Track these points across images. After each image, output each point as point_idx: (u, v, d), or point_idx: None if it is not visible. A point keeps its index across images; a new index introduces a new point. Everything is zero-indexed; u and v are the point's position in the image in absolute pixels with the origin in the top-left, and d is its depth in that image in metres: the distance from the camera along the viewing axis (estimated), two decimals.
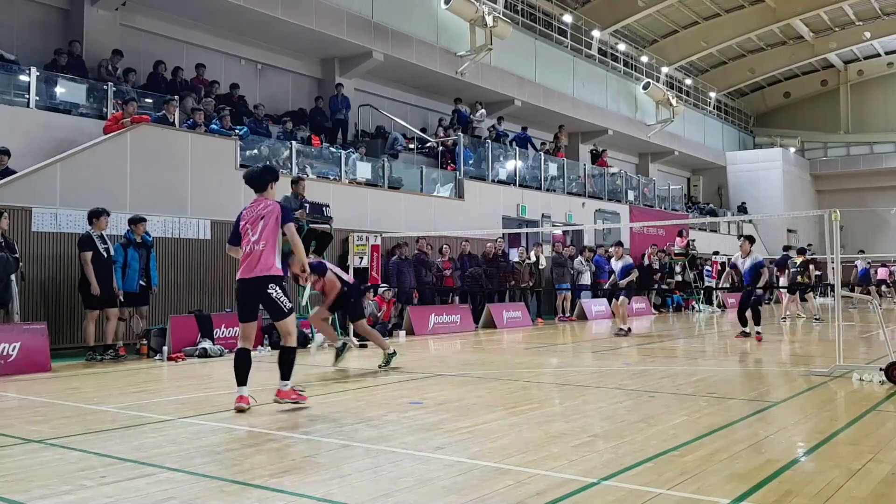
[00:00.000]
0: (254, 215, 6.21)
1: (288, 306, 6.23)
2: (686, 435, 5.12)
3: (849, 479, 4.01)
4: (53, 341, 9.74)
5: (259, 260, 6.10)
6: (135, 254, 10.65)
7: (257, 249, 6.11)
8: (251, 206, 6.33)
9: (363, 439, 5.08)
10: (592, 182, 24.41)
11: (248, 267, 6.14)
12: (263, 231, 6.12)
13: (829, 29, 35.29)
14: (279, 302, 6.17)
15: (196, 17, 16.29)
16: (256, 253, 6.11)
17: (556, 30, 26.44)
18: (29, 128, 11.67)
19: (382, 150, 18.17)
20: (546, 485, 3.93)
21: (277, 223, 6.16)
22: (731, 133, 39.11)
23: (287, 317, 6.24)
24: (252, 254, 6.13)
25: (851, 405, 6.49)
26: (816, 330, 15.41)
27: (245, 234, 6.21)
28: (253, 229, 6.15)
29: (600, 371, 9.18)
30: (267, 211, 6.18)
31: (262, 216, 6.16)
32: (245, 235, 6.21)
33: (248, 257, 6.15)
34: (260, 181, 6.34)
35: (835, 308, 8.71)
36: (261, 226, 6.13)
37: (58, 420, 5.90)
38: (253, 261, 6.12)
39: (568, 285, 19.24)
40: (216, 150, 13.29)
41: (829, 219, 8.52)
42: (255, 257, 6.11)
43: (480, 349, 12.25)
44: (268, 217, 6.15)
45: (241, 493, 3.86)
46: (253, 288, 6.16)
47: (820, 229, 33.29)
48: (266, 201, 6.29)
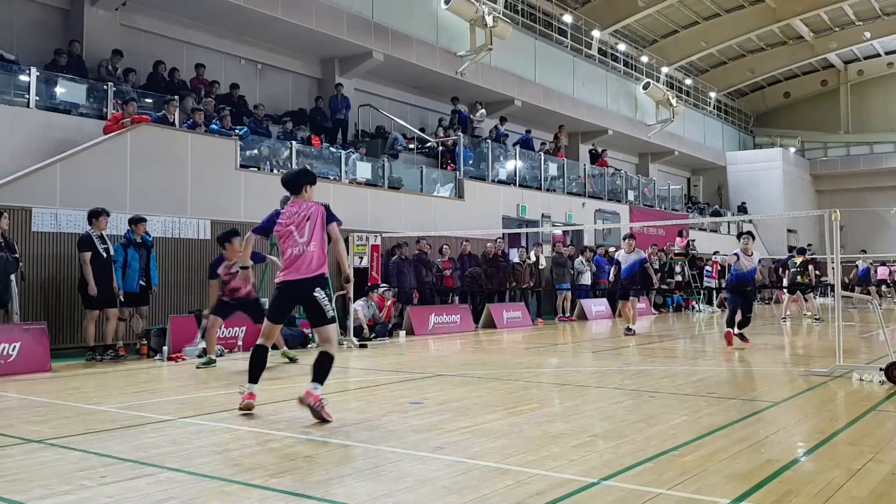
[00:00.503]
0: (299, 217, 6.09)
1: (331, 313, 6.07)
2: (686, 435, 5.12)
3: (849, 479, 4.01)
4: (53, 341, 9.74)
5: (311, 260, 6.00)
6: (135, 254, 10.65)
7: (308, 251, 6.00)
8: (290, 207, 6.20)
9: (363, 439, 5.08)
10: (592, 182, 24.41)
11: (296, 268, 6.00)
12: (312, 232, 6.04)
13: (829, 29, 35.29)
14: (323, 306, 5.99)
15: (196, 17, 16.29)
16: (308, 254, 6.00)
17: (556, 30, 26.44)
18: (29, 128, 11.67)
19: (382, 150, 18.17)
20: (546, 485, 3.94)
21: (324, 223, 6.11)
22: (731, 133, 39.11)
23: (329, 324, 6.04)
24: (303, 255, 6.00)
25: (851, 405, 6.50)
26: (816, 330, 15.41)
27: (289, 237, 6.06)
28: (300, 231, 6.05)
29: (600, 371, 9.18)
30: (311, 212, 6.10)
31: (308, 217, 6.08)
32: (289, 237, 6.06)
33: (298, 259, 6.00)
34: (295, 184, 6.24)
35: (835, 308, 8.71)
36: (308, 227, 6.05)
37: (58, 420, 5.90)
38: (303, 262, 5.99)
39: (568, 285, 19.24)
40: (216, 150, 13.29)
41: (829, 219, 8.52)
42: (307, 258, 5.99)
43: (480, 349, 12.25)
44: (314, 218, 6.08)
45: (241, 493, 3.86)
46: (300, 290, 6.02)
47: (820, 229, 33.29)
48: (307, 203, 6.19)
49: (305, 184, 6.25)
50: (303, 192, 6.21)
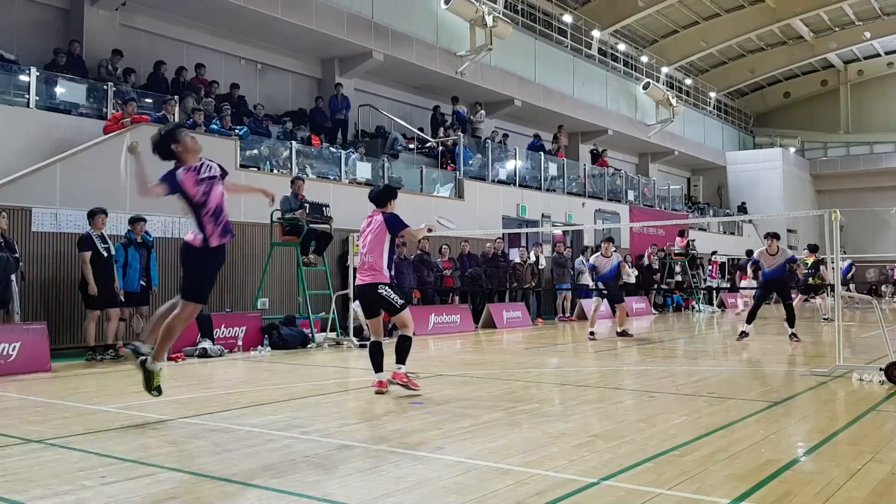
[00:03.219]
0: (364, 230, 7.27)
1: (400, 302, 7.03)
2: (686, 435, 5.11)
3: (849, 479, 4.01)
4: (53, 341, 9.73)
5: (369, 269, 7.02)
6: (135, 254, 10.65)
7: (366, 261, 7.06)
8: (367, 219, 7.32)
9: (363, 439, 5.08)
10: (592, 182, 24.41)
11: (362, 275, 7.10)
12: (369, 244, 7.09)
13: (829, 29, 35.28)
14: (390, 300, 6.98)
15: (196, 17, 16.29)
16: (367, 263, 7.05)
17: (556, 30, 26.44)
18: (29, 128, 11.66)
19: (382, 150, 18.17)
20: (546, 485, 3.93)
21: (382, 234, 7.09)
22: (731, 133, 39.10)
23: (401, 311, 7.01)
24: (363, 264, 7.10)
25: (851, 405, 6.49)
26: (824, 329, 15.37)
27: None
28: (363, 243, 7.19)
29: (600, 371, 9.18)
30: (370, 227, 7.19)
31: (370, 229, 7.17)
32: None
33: (361, 267, 7.14)
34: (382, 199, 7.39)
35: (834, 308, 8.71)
36: (369, 239, 7.12)
37: (58, 420, 5.89)
38: (365, 269, 7.06)
39: (568, 285, 19.24)
40: (216, 150, 13.24)
41: (828, 219, 8.52)
42: (367, 267, 7.05)
43: (480, 349, 12.25)
44: (372, 231, 7.14)
45: (241, 493, 3.86)
46: (367, 291, 7.06)
47: (820, 229, 33.26)
48: (374, 216, 7.25)
49: (390, 198, 7.44)
50: (387, 206, 7.37)
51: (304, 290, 12.45)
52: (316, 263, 12.69)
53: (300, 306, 12.76)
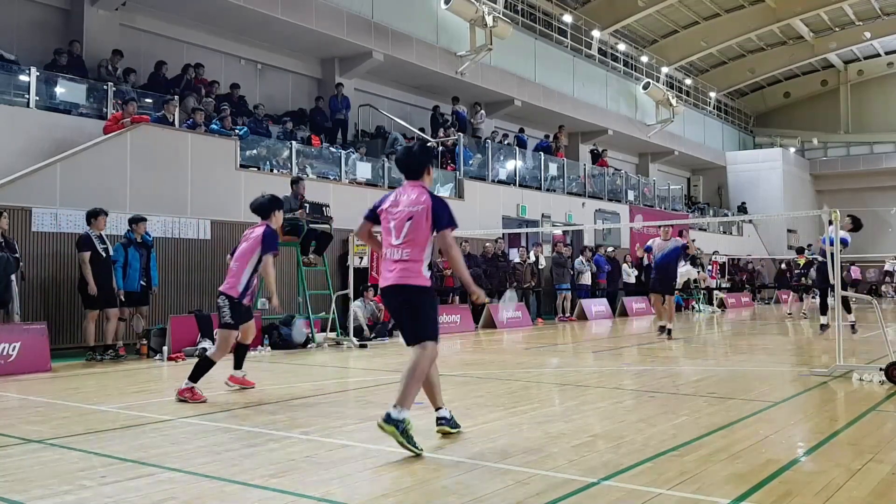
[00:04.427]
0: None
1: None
2: (686, 435, 5.11)
3: (849, 479, 4.01)
4: (53, 341, 9.74)
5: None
6: (135, 254, 10.64)
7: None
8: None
9: (363, 439, 5.08)
10: (592, 182, 24.40)
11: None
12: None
13: (829, 29, 35.29)
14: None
15: (196, 17, 16.29)
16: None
17: (556, 30, 26.44)
18: (29, 128, 11.67)
19: (382, 150, 18.16)
20: (546, 485, 3.93)
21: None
22: (731, 133, 39.10)
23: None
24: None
25: (851, 405, 6.49)
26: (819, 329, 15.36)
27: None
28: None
29: (600, 371, 9.18)
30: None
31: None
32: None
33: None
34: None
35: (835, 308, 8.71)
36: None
37: (58, 420, 5.89)
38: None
39: (568, 285, 19.24)
40: (216, 150, 13.29)
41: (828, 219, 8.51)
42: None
43: (480, 349, 12.25)
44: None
45: (241, 493, 3.86)
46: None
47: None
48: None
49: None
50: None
51: (304, 290, 12.45)
52: (316, 263, 12.69)
53: (300, 306, 12.76)
